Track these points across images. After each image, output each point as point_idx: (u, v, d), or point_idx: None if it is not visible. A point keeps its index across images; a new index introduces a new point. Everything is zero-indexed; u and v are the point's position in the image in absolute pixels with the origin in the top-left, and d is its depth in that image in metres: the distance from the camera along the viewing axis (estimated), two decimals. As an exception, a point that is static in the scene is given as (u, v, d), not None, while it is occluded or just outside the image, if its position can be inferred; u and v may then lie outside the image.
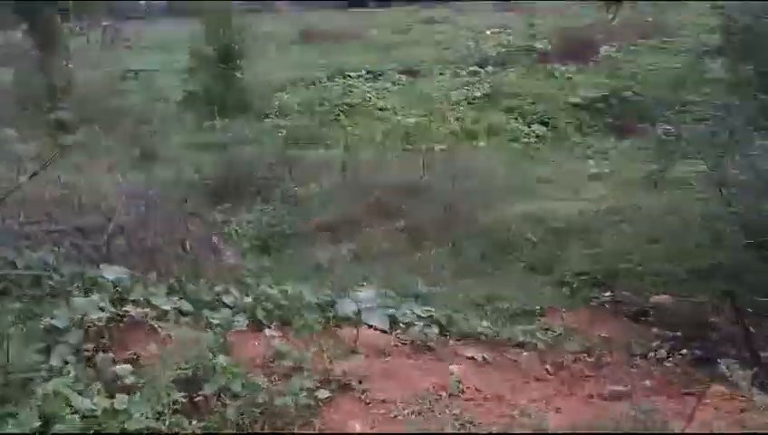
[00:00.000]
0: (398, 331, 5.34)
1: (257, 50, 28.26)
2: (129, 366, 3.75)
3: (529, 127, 17.01)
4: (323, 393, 4.01)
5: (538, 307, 7.68)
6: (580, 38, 25.44)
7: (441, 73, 21.95)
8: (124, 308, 4.18)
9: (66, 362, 3.76)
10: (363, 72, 22.19)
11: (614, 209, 10.61)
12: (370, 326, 5.20)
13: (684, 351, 6.26)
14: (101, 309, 3.87)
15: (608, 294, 8.27)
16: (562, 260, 9.29)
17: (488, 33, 30.57)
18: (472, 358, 5.10)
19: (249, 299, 5.21)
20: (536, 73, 21.20)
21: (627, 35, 25.92)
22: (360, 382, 4.23)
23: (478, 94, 18.85)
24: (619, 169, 13.09)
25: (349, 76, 21.85)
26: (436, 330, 5.52)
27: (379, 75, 21.84)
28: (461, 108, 18.35)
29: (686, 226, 9.18)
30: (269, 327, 4.75)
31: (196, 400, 3.65)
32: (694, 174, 10.01)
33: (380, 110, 18.37)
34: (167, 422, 3.42)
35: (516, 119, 17.53)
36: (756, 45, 6.82)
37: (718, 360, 5.89)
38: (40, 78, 20.50)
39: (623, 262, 8.89)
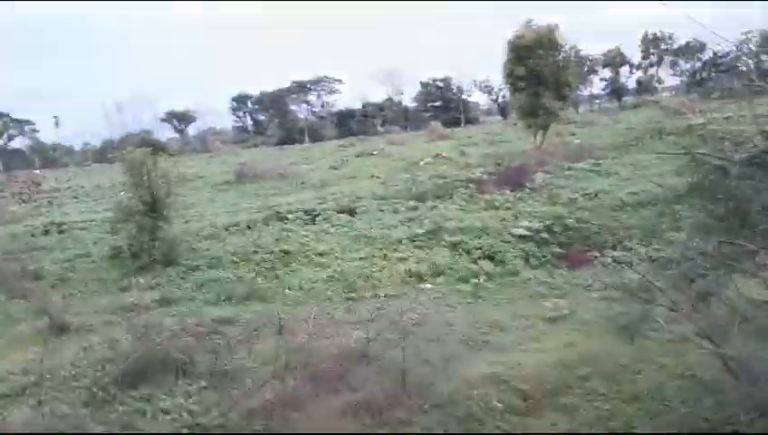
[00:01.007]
0: None
1: (190, 194, 27.39)
2: None
3: (476, 263, 16.19)
4: None
5: None
6: (514, 165, 25.82)
7: (380, 210, 21.33)
8: None
9: None
10: (300, 213, 21.37)
11: (584, 360, 9.59)
12: None
13: None
14: None
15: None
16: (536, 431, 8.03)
17: (422, 163, 30.92)
18: None
19: None
20: (476, 204, 20.88)
21: (557, 159, 26.47)
22: None
23: (420, 231, 18.13)
24: (577, 309, 12.22)
25: (285, 219, 20.94)
26: None
27: (317, 216, 21.01)
28: (403, 246, 17.51)
29: (672, 380, 8.21)
30: None
31: None
32: (661, 319, 9.23)
33: (320, 255, 17.21)
34: None
35: (461, 255, 16.75)
36: (726, 187, 6.19)
37: None
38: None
39: (604, 429, 7.75)
